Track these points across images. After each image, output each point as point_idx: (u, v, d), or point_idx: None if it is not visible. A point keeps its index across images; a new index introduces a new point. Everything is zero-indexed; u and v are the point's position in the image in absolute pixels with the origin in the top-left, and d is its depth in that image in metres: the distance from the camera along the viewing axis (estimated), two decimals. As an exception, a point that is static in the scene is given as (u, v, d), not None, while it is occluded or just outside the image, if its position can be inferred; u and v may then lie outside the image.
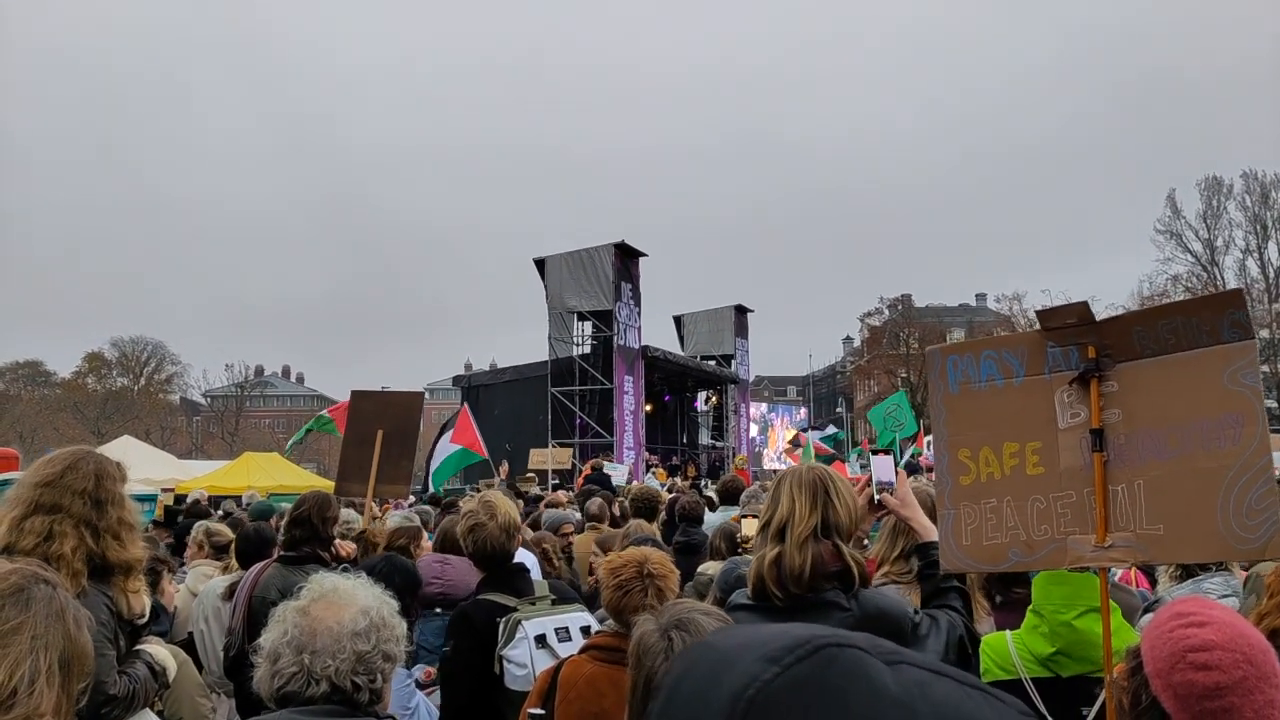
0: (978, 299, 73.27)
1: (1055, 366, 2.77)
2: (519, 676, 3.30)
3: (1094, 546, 2.64)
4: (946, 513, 2.89)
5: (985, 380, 2.87)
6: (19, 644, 1.25)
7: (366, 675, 1.93)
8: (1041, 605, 2.86)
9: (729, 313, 35.23)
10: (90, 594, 2.74)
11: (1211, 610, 1.70)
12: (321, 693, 1.88)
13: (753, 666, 0.58)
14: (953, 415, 2.92)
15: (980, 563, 2.85)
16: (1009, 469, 2.79)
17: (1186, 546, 2.62)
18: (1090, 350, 2.70)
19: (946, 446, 2.91)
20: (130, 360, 61.56)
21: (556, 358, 25.59)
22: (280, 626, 1.96)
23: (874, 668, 0.60)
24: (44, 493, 2.79)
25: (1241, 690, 1.56)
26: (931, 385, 3.01)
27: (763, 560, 2.60)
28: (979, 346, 2.95)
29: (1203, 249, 45.82)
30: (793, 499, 2.66)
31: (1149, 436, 2.61)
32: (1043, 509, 2.73)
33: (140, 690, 2.92)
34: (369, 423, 6.67)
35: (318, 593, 2.01)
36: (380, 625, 1.99)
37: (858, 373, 65.60)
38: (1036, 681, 2.78)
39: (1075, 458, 2.71)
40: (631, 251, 26.58)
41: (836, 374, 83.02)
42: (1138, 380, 2.65)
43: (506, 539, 3.72)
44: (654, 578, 2.77)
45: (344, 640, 1.91)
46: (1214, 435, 2.51)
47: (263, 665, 1.94)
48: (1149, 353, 2.64)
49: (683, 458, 31.16)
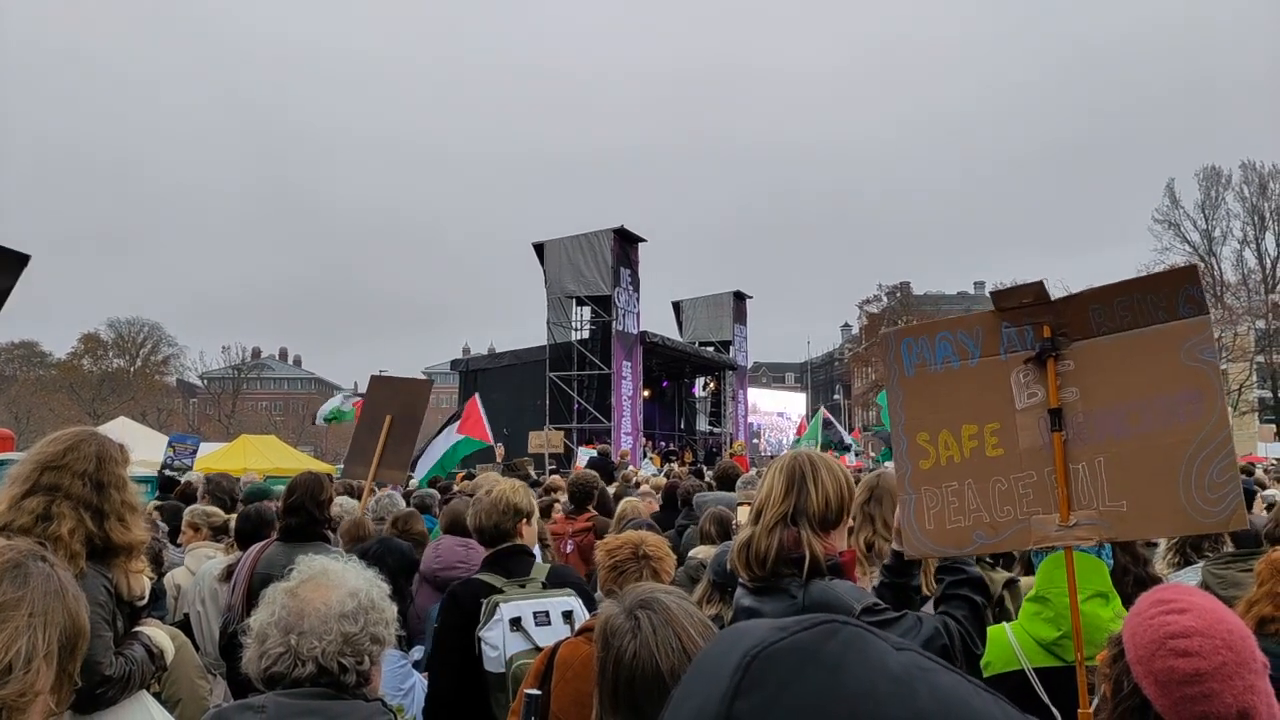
0: (976, 286, 73.29)
1: (1011, 347, 2.75)
2: (492, 658, 3.30)
3: (1058, 525, 2.63)
4: (907, 497, 2.86)
5: (941, 362, 2.84)
6: (16, 620, 1.25)
7: (354, 657, 1.92)
8: (1047, 590, 2.85)
9: (728, 299, 35.18)
10: (89, 575, 2.74)
11: (1191, 597, 1.71)
12: (308, 674, 1.88)
13: (763, 633, 0.66)
14: (910, 398, 2.89)
15: (944, 546, 2.81)
16: (969, 451, 2.77)
17: (1150, 522, 2.61)
18: (1046, 329, 2.68)
19: (904, 430, 2.88)
20: (126, 341, 61.41)
21: (555, 342, 25.57)
22: (269, 607, 1.96)
23: (876, 645, 0.65)
24: (44, 473, 2.79)
25: (1221, 676, 1.58)
26: (888, 369, 2.97)
27: (737, 543, 2.63)
28: (934, 329, 2.91)
29: (1200, 239, 45.84)
30: (770, 484, 2.68)
31: (1108, 414, 2.60)
32: (1004, 490, 2.71)
33: (136, 671, 2.92)
34: (380, 408, 6.77)
35: (307, 574, 2.01)
36: (369, 608, 1.99)
37: (856, 360, 65.62)
38: (1039, 671, 2.77)
39: (1034, 438, 2.70)
40: (631, 237, 26.52)
41: (835, 361, 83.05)
42: (1095, 358, 2.64)
43: (499, 517, 3.70)
44: (649, 559, 2.78)
45: (331, 622, 1.91)
46: (1173, 411, 2.51)
47: (251, 645, 1.94)
48: (1105, 330, 2.63)
49: (680, 443, 31.19)
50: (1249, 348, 42.49)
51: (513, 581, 3.56)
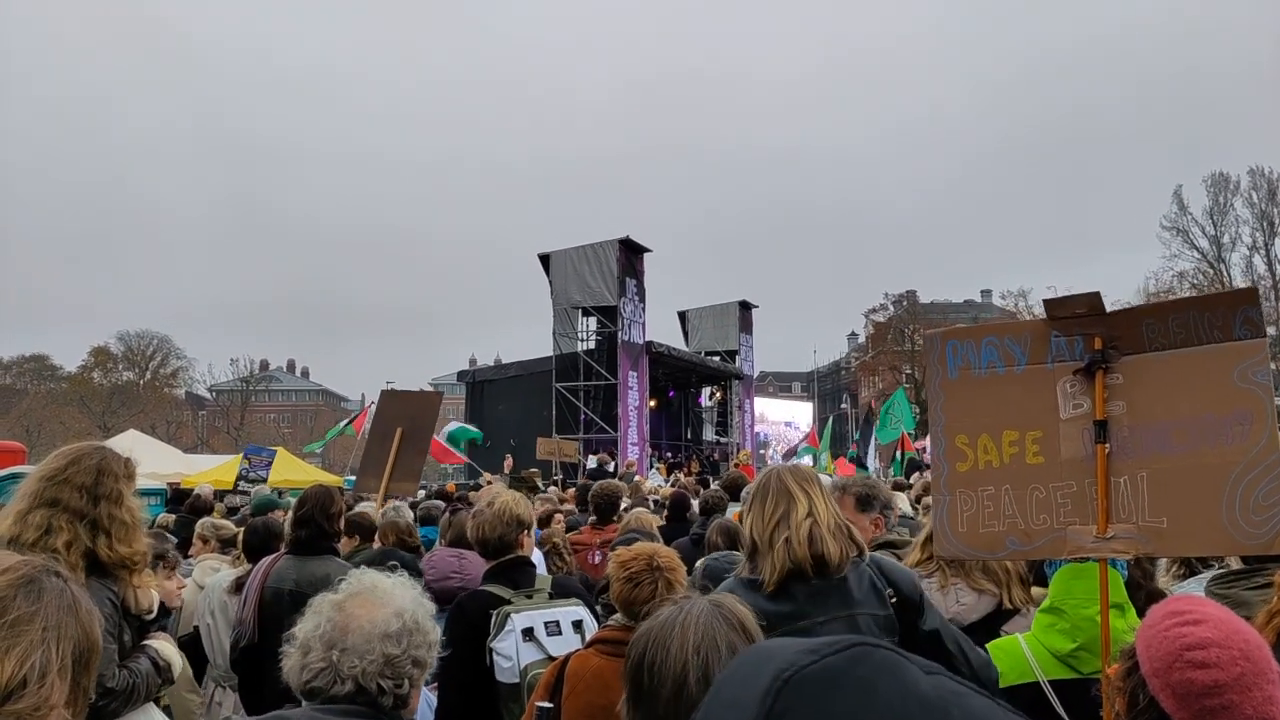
0: (983, 295, 73.12)
1: (1059, 356, 2.75)
2: (505, 669, 3.30)
3: (1095, 537, 2.62)
4: (941, 498, 2.86)
5: (986, 367, 2.85)
6: (30, 634, 1.24)
7: (393, 679, 1.88)
8: (1063, 601, 2.81)
9: (733, 308, 35.17)
10: (93, 588, 2.74)
11: (1206, 608, 1.69)
12: (346, 692, 1.85)
13: (792, 655, 0.67)
14: (951, 400, 2.89)
15: (976, 550, 2.82)
16: (1008, 457, 2.77)
17: (1190, 539, 2.60)
18: (1097, 341, 2.68)
19: (943, 432, 2.88)
20: (136, 354, 61.64)
21: (561, 353, 25.58)
22: (315, 619, 1.93)
23: (908, 670, 0.66)
24: (47, 487, 2.81)
25: (1240, 687, 1.56)
26: (929, 370, 2.98)
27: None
28: (980, 333, 2.92)
29: (1209, 245, 45.64)
30: (809, 491, 2.79)
31: (1154, 430, 2.60)
32: (1042, 498, 2.71)
33: (141, 685, 2.92)
34: (391, 421, 6.82)
35: (357, 588, 1.98)
36: (414, 629, 1.95)
37: (862, 369, 65.44)
38: (1053, 683, 2.73)
39: (1076, 448, 2.69)
40: (636, 247, 26.55)
41: (841, 370, 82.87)
42: (1144, 373, 2.63)
43: (503, 528, 3.70)
44: (663, 570, 2.78)
45: (374, 641, 1.88)
46: (1221, 431, 2.50)
47: (294, 655, 1.91)
48: (1157, 346, 2.62)
49: (686, 453, 31.15)
50: (1259, 354, 42.19)
51: (520, 592, 3.57)
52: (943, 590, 3.28)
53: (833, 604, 2.58)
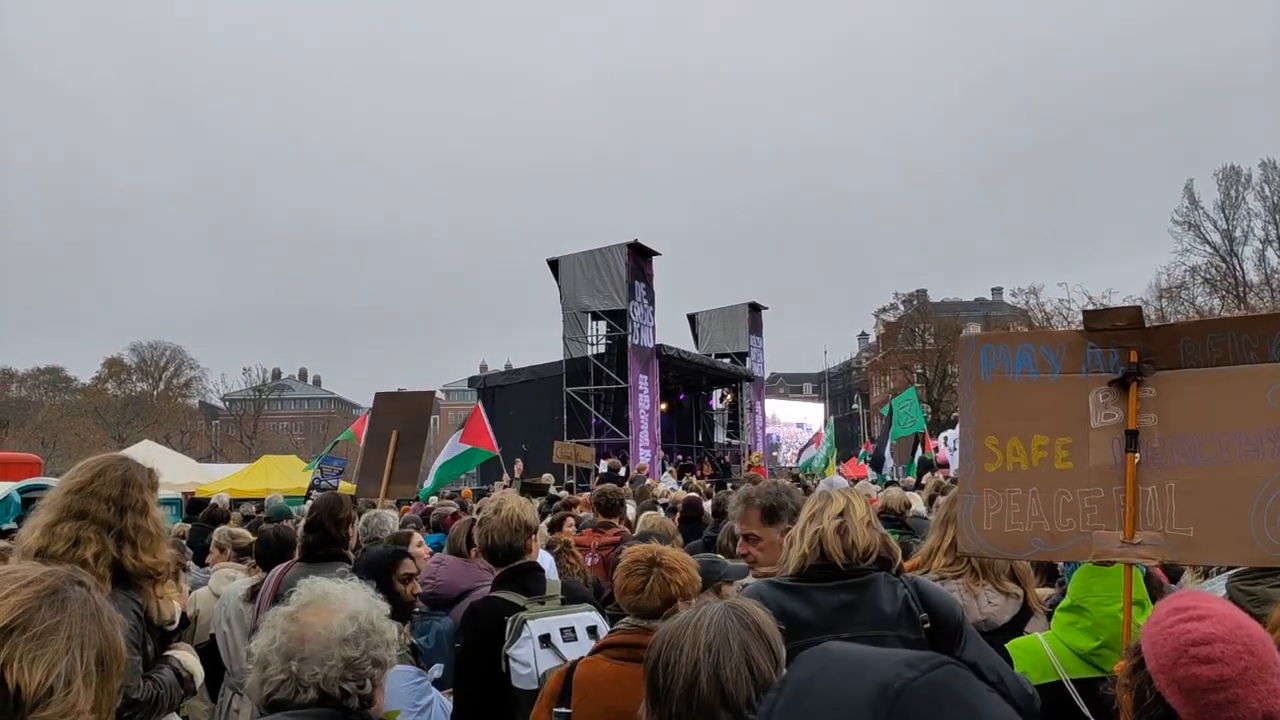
0: (993, 293, 72.81)
1: (1093, 367, 2.82)
2: (523, 675, 3.31)
3: (1121, 542, 2.69)
4: (968, 497, 2.92)
5: (1020, 372, 2.92)
6: (55, 643, 1.28)
7: (355, 682, 1.91)
8: (1084, 599, 2.84)
9: (743, 310, 35.18)
10: (117, 599, 2.78)
11: (1210, 603, 1.72)
12: (310, 700, 1.87)
13: (894, 668, 0.72)
14: (982, 402, 2.96)
15: (1001, 549, 2.88)
16: (1037, 461, 2.84)
17: (1217, 549, 2.68)
18: (1133, 354, 2.75)
19: (974, 432, 2.95)
20: (149, 365, 62.07)
21: (571, 357, 25.64)
22: (270, 633, 1.95)
23: (982, 686, 0.73)
24: (74, 499, 2.85)
25: (1245, 681, 1.58)
26: (962, 371, 3.05)
27: (828, 531, 2.71)
28: (1015, 339, 3.01)
29: (1221, 240, 45.25)
30: (841, 495, 2.86)
31: (1184, 442, 2.67)
32: (1069, 502, 2.78)
33: (165, 695, 2.95)
34: (386, 424, 6.80)
35: (307, 598, 2.00)
36: (369, 631, 1.97)
37: (873, 369, 65.28)
38: (1076, 682, 2.75)
39: (1106, 456, 2.76)
40: (645, 251, 26.59)
41: (852, 370, 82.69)
42: (1178, 389, 2.71)
43: (512, 535, 3.71)
44: (662, 568, 2.79)
45: (332, 647, 1.90)
46: (1252, 447, 2.58)
47: (253, 671, 1.93)
48: (1193, 363, 2.70)
49: (698, 456, 31.14)
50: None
51: (533, 599, 3.58)
52: (972, 593, 3.28)
53: (860, 620, 2.58)
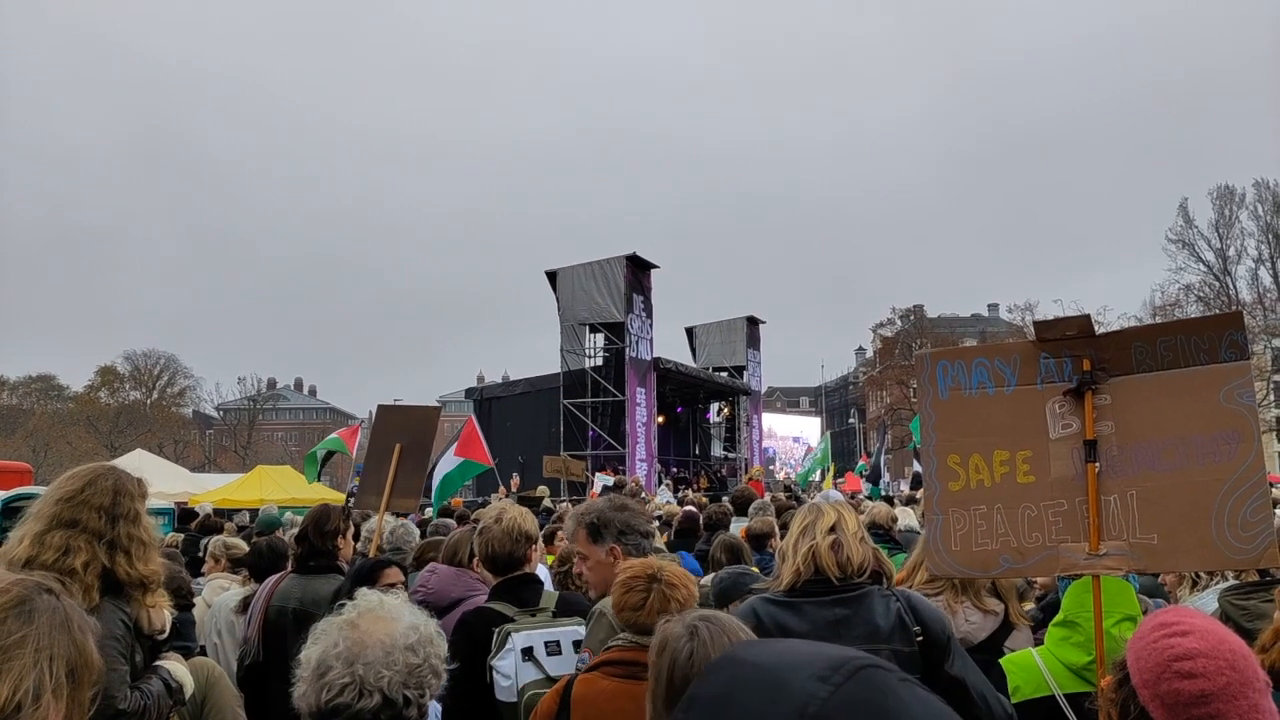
0: (990, 309, 73.05)
1: (1048, 377, 2.82)
2: (504, 687, 3.29)
3: (1087, 554, 2.68)
4: (935, 518, 2.91)
5: (976, 387, 2.91)
6: (23, 657, 1.24)
7: (416, 689, 1.92)
8: (1076, 614, 2.83)
9: (741, 324, 35.20)
10: (106, 608, 2.76)
11: (1194, 619, 1.73)
12: (374, 705, 1.87)
13: (807, 684, 0.67)
14: (942, 420, 2.95)
15: (970, 568, 2.87)
16: (999, 476, 2.83)
17: (1182, 555, 2.66)
18: (1086, 363, 2.75)
19: (935, 451, 2.94)
20: (143, 374, 61.92)
21: (569, 370, 25.62)
22: (328, 639, 1.95)
23: (907, 688, 0.69)
24: (64, 508, 2.82)
25: (1226, 696, 1.59)
26: (920, 390, 3.04)
27: (822, 548, 2.74)
28: (970, 354, 2.99)
29: (1215, 259, 45.50)
30: (834, 508, 2.89)
31: (1142, 449, 2.66)
32: (1034, 516, 2.77)
33: (153, 705, 2.92)
34: (389, 437, 6.77)
35: (364, 607, 2.02)
36: (428, 640, 2.00)
37: (870, 383, 65.39)
38: (1069, 697, 2.75)
39: (1067, 467, 2.75)
40: (643, 264, 26.62)
41: (849, 384, 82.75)
42: (1132, 394, 2.70)
43: (512, 544, 3.69)
44: (663, 583, 2.76)
45: (396, 653, 1.92)
46: (1209, 450, 2.58)
47: (307, 679, 1.92)
48: (1144, 368, 2.69)
49: (694, 469, 31.09)
50: (1266, 367, 42.09)
51: (524, 610, 3.56)
52: (951, 610, 3.28)
53: (854, 634, 2.61)
